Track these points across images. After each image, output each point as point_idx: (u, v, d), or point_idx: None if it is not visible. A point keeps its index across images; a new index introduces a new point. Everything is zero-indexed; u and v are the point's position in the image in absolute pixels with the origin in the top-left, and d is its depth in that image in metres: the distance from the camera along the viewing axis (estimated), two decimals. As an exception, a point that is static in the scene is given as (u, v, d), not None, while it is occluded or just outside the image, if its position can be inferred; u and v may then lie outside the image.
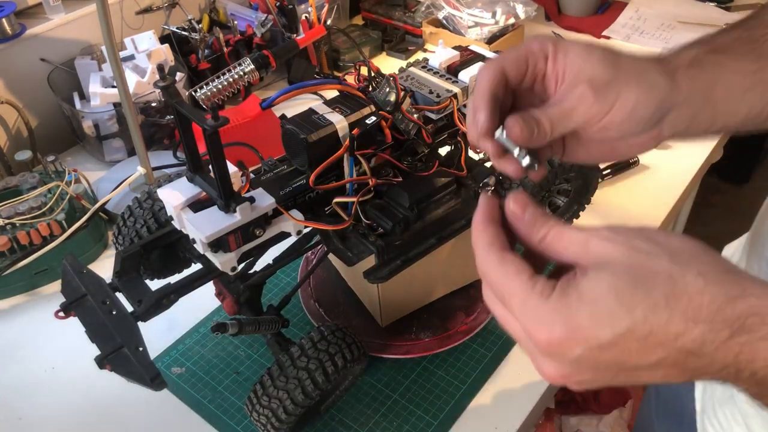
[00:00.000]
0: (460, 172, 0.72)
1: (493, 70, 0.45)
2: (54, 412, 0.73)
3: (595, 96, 0.43)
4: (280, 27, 1.24)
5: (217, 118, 0.51)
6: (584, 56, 0.44)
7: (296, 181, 0.64)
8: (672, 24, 1.42)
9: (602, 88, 0.43)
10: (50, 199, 0.87)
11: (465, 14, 1.32)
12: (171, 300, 0.61)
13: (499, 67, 0.45)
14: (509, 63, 0.45)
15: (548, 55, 0.45)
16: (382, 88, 0.68)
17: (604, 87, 0.43)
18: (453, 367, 0.75)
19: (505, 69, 0.45)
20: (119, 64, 0.86)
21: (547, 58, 0.45)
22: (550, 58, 0.45)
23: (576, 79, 0.44)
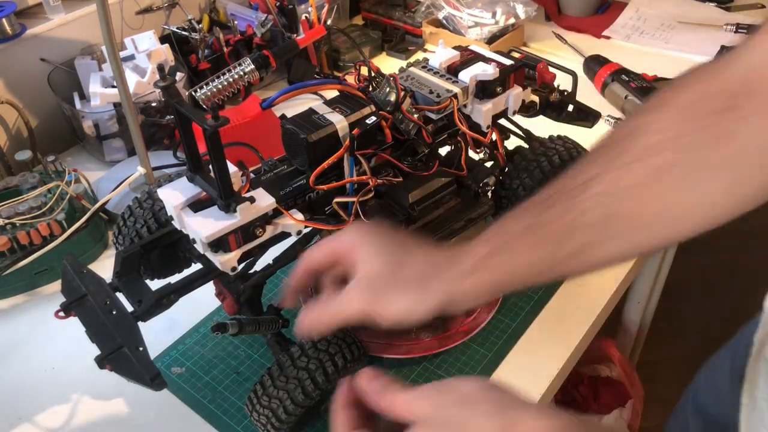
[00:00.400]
0: (460, 172, 0.72)
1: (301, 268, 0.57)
2: (54, 412, 0.73)
3: (369, 294, 0.51)
4: (280, 27, 1.24)
5: (217, 118, 0.51)
6: (374, 257, 0.52)
7: (296, 181, 0.64)
8: (672, 24, 1.42)
9: (378, 288, 0.51)
10: (50, 199, 0.87)
11: (465, 14, 1.32)
12: (171, 300, 0.61)
13: (308, 263, 0.56)
14: (318, 261, 0.56)
15: (349, 251, 0.53)
16: (382, 88, 0.68)
17: (381, 289, 0.51)
18: (453, 367, 0.75)
19: (314, 265, 0.56)
20: (119, 64, 0.86)
21: (349, 252, 0.53)
22: (352, 252, 0.53)
23: (360, 276, 0.52)
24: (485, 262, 0.51)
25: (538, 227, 0.50)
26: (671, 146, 0.47)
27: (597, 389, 1.36)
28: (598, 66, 1.20)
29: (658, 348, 1.82)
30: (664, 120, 0.49)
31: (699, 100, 0.48)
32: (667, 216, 0.49)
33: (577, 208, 0.49)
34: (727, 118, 0.46)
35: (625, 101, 1.12)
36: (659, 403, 1.73)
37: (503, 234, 0.52)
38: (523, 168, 0.76)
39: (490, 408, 0.40)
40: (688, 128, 0.47)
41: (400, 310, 0.51)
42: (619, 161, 0.49)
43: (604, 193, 0.49)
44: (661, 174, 0.48)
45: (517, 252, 0.51)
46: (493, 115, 0.74)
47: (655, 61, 1.28)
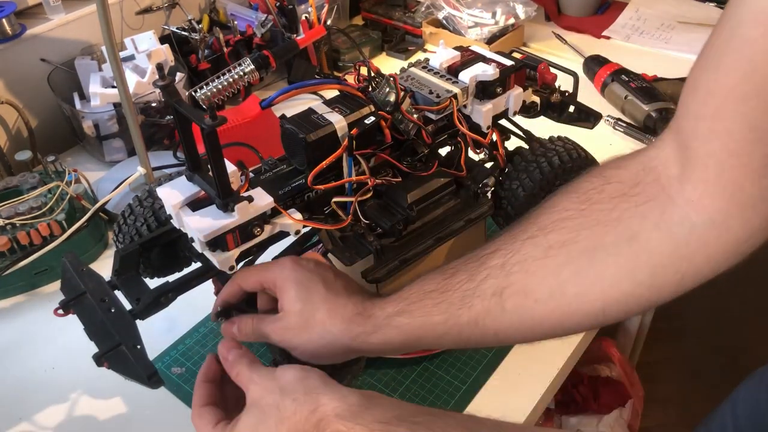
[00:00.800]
0: (459, 173, 0.72)
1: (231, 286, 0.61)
2: (54, 412, 0.73)
3: (283, 335, 0.56)
4: (280, 27, 1.24)
5: (215, 118, 0.51)
6: (292, 302, 0.56)
7: (295, 181, 0.64)
8: (672, 24, 1.42)
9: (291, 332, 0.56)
10: (50, 199, 0.88)
11: (465, 14, 1.32)
12: (169, 298, 0.61)
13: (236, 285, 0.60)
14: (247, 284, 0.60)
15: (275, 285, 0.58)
16: (381, 89, 0.68)
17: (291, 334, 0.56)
18: (453, 367, 0.75)
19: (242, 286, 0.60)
20: (119, 64, 0.86)
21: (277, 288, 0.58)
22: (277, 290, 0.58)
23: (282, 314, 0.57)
24: (390, 321, 0.55)
25: (439, 293, 0.54)
26: (565, 226, 0.51)
27: (597, 389, 1.36)
28: (598, 66, 1.20)
29: (658, 348, 1.82)
30: (565, 202, 0.52)
31: (598, 187, 0.51)
32: (558, 295, 0.50)
33: (474, 279, 0.53)
34: (621, 204, 0.49)
35: (625, 101, 1.12)
36: (659, 403, 1.74)
37: (408, 296, 0.55)
38: (522, 169, 0.76)
39: (300, 395, 0.47)
40: (584, 211, 0.50)
41: (309, 353, 0.56)
42: (517, 237, 0.53)
43: (498, 265, 0.52)
44: (551, 250, 0.50)
45: (419, 314, 0.54)
46: (494, 116, 0.74)
47: (655, 61, 1.28)
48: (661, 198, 0.47)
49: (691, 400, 1.74)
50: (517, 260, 0.52)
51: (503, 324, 0.52)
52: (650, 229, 0.47)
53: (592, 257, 0.49)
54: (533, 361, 0.75)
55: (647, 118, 1.08)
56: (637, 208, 0.48)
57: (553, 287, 0.50)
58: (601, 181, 0.51)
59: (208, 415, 0.52)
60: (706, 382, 1.79)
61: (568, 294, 0.50)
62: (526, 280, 0.51)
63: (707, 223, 0.45)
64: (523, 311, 0.51)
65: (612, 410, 1.30)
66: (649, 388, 1.44)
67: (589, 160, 0.79)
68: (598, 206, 0.50)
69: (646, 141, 1.08)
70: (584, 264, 0.49)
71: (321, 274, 0.58)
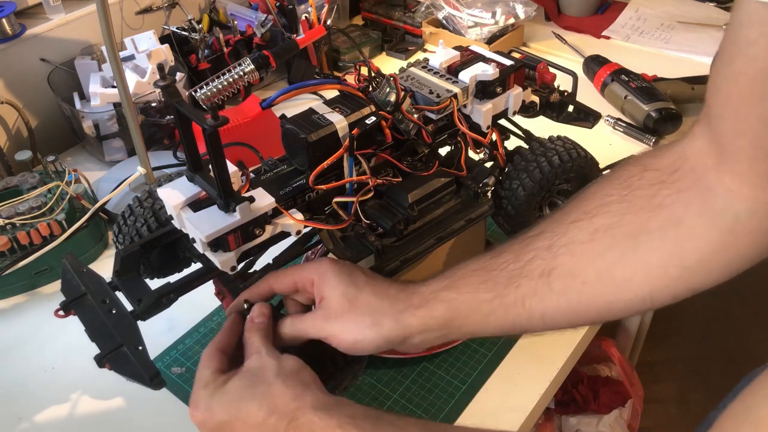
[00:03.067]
0: (459, 173, 0.72)
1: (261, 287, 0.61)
2: (54, 412, 0.73)
3: (324, 323, 0.56)
4: (280, 27, 1.24)
5: (217, 118, 0.51)
6: (334, 287, 0.56)
7: (296, 181, 0.64)
8: (672, 24, 1.42)
9: (333, 318, 0.56)
10: (50, 199, 0.87)
11: (465, 14, 1.32)
12: (171, 299, 0.61)
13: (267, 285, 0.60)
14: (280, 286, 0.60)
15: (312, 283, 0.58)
16: (382, 88, 0.68)
17: (334, 318, 0.55)
18: (453, 367, 0.75)
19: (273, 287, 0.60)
20: (119, 64, 0.86)
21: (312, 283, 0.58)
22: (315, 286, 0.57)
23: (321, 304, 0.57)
24: (436, 295, 0.55)
25: (486, 271, 0.54)
26: (609, 210, 0.51)
27: (597, 389, 1.35)
28: (598, 66, 1.20)
29: (658, 348, 1.82)
30: (608, 187, 0.53)
31: (638, 174, 0.52)
32: (606, 278, 0.51)
33: (521, 259, 0.53)
34: (662, 191, 0.50)
35: (625, 101, 1.12)
36: (659, 403, 1.74)
37: (453, 274, 0.56)
38: (522, 168, 0.76)
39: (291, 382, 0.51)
40: (626, 196, 0.51)
41: (350, 339, 0.55)
42: (562, 221, 0.53)
43: (545, 247, 0.53)
44: (597, 234, 0.51)
45: (466, 290, 0.54)
46: (493, 116, 0.74)
47: (655, 61, 1.28)
48: (700, 187, 0.48)
49: (691, 400, 1.74)
50: (564, 243, 0.52)
51: (550, 305, 0.52)
52: (694, 216, 0.48)
53: (637, 241, 0.50)
54: (533, 361, 0.75)
55: (647, 118, 1.08)
56: (678, 195, 0.49)
57: (601, 270, 0.51)
58: (639, 169, 0.52)
59: (215, 360, 0.55)
60: (706, 382, 1.79)
61: (616, 277, 0.50)
62: (574, 262, 0.51)
63: (749, 212, 0.46)
64: (571, 293, 0.52)
65: (612, 410, 1.30)
66: (649, 388, 1.44)
67: (588, 160, 0.79)
68: (639, 192, 0.50)
69: (646, 141, 1.08)
70: (629, 248, 0.50)
71: (357, 266, 0.59)
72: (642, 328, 1.49)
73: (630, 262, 0.50)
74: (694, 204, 0.48)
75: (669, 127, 1.08)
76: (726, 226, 0.47)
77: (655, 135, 1.08)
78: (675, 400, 1.76)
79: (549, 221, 0.55)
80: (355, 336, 0.55)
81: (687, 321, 1.94)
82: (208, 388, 0.53)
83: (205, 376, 0.54)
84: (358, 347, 0.55)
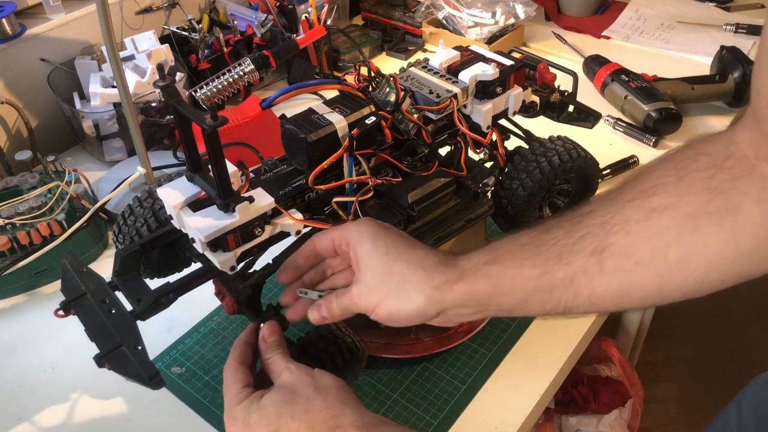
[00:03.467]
0: (459, 173, 0.72)
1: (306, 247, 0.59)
2: (54, 412, 0.73)
3: (361, 298, 0.55)
4: (280, 27, 1.24)
5: (216, 118, 0.51)
6: (368, 256, 0.54)
7: (296, 181, 0.64)
8: (672, 24, 1.42)
9: (367, 293, 0.54)
10: (50, 199, 0.88)
11: (465, 14, 1.32)
12: (170, 299, 0.61)
13: (311, 244, 0.59)
14: (322, 245, 0.59)
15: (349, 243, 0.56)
16: (382, 89, 0.68)
17: (368, 293, 0.54)
18: (453, 367, 0.75)
19: (318, 248, 0.59)
20: (119, 64, 0.86)
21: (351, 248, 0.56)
22: (351, 248, 0.56)
23: (359, 274, 0.55)
24: (478, 269, 0.53)
25: (534, 246, 0.52)
26: (667, 190, 0.50)
27: (597, 389, 1.36)
28: (598, 66, 1.20)
29: (658, 348, 1.82)
30: (662, 168, 0.51)
31: (693, 156, 0.50)
32: (661, 258, 0.50)
33: (572, 236, 0.51)
34: (718, 175, 0.48)
35: (625, 101, 1.12)
36: (659, 403, 1.74)
37: (498, 247, 0.54)
38: (522, 168, 0.76)
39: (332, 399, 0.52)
40: (683, 178, 0.50)
41: (388, 311, 0.54)
42: (617, 200, 0.52)
43: (598, 224, 0.51)
44: (654, 213, 0.50)
45: (512, 264, 0.52)
46: (493, 116, 0.74)
47: (655, 61, 1.28)
48: (756, 176, 0.47)
49: (691, 400, 1.75)
50: (618, 221, 0.50)
51: (600, 286, 0.51)
52: (753, 203, 0.47)
53: (696, 223, 0.48)
54: (533, 361, 0.75)
55: (647, 118, 1.08)
56: (734, 181, 0.48)
57: (656, 250, 0.49)
58: (694, 152, 0.51)
59: (243, 374, 0.56)
60: (706, 382, 1.79)
61: (670, 258, 0.49)
62: (628, 241, 0.50)
63: None
64: (622, 273, 0.50)
65: (612, 410, 1.30)
66: (649, 388, 1.44)
67: (589, 160, 0.79)
68: (696, 174, 0.49)
69: (646, 141, 1.08)
70: (688, 229, 0.49)
71: (397, 231, 0.57)
72: (642, 328, 1.49)
73: (687, 244, 0.49)
74: (751, 192, 0.47)
75: (669, 127, 1.08)
76: None
77: (655, 135, 1.08)
78: (675, 400, 1.76)
79: (601, 200, 0.53)
80: (390, 310, 0.54)
81: (687, 321, 1.94)
82: (243, 404, 0.53)
83: (235, 390, 0.54)
84: (393, 320, 0.54)
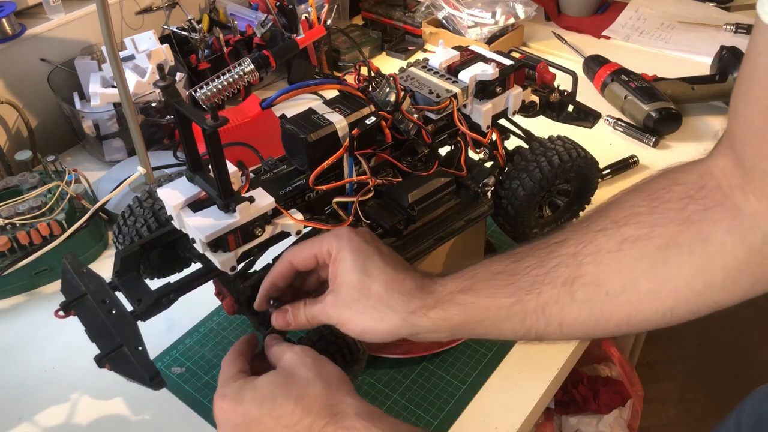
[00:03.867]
0: (459, 173, 0.72)
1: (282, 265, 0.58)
2: (54, 412, 0.73)
3: (333, 310, 0.55)
4: (280, 27, 1.24)
5: (217, 118, 0.51)
6: (348, 273, 0.54)
7: (296, 181, 0.64)
8: (672, 24, 1.42)
9: (342, 305, 0.54)
10: (50, 199, 0.88)
11: (465, 14, 1.32)
12: (170, 299, 0.61)
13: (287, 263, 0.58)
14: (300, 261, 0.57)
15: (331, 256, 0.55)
16: (382, 88, 0.68)
17: (343, 306, 0.54)
18: (453, 367, 0.75)
19: (294, 263, 0.58)
20: (119, 64, 0.86)
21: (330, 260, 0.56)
22: (331, 261, 0.55)
23: (334, 286, 0.55)
24: (453, 297, 0.53)
25: (508, 275, 0.53)
26: (639, 221, 0.50)
27: (597, 389, 1.35)
28: (598, 66, 1.20)
29: (658, 348, 1.82)
30: (636, 198, 0.52)
31: (666, 186, 0.51)
32: (631, 289, 0.50)
33: (545, 265, 0.52)
34: (690, 206, 0.49)
35: (625, 101, 1.12)
36: (659, 403, 1.74)
37: (473, 275, 0.54)
38: (522, 168, 0.76)
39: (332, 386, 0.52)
40: (656, 208, 0.50)
41: (360, 328, 0.54)
42: (589, 229, 0.52)
43: (570, 254, 0.52)
44: (625, 244, 0.50)
45: (485, 293, 0.53)
46: (493, 115, 0.74)
47: (655, 61, 1.28)
48: (728, 205, 0.48)
49: (691, 400, 1.75)
50: (590, 251, 0.51)
51: (570, 315, 0.52)
52: (723, 233, 0.48)
53: (667, 255, 0.49)
54: (533, 361, 0.75)
55: (647, 118, 1.08)
56: (706, 212, 0.48)
57: (626, 281, 0.50)
58: (668, 182, 0.51)
59: (241, 363, 0.56)
60: (706, 382, 1.79)
61: (641, 289, 0.50)
62: (599, 272, 0.51)
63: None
64: (593, 303, 0.51)
65: (612, 410, 1.30)
66: (649, 388, 1.44)
67: (588, 160, 0.79)
68: (669, 205, 0.50)
69: (646, 141, 1.08)
70: (659, 260, 0.49)
71: (377, 247, 0.56)
72: (642, 328, 1.48)
73: (658, 275, 0.49)
74: (722, 222, 0.48)
75: (669, 127, 1.08)
76: (755, 246, 0.47)
77: (655, 135, 1.08)
78: (675, 400, 1.76)
79: (574, 228, 0.54)
80: (363, 327, 0.54)
81: (687, 321, 1.94)
82: (237, 383, 0.52)
83: (230, 373, 0.54)
84: (365, 337, 0.55)
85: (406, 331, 0.54)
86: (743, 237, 0.47)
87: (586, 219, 0.54)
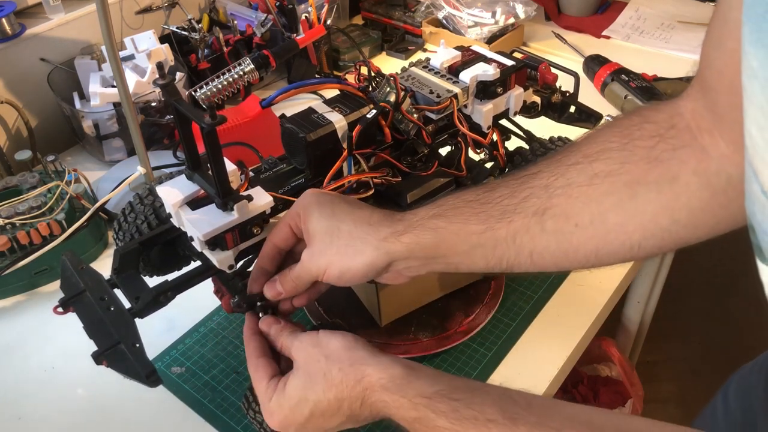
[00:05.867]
0: (459, 173, 0.72)
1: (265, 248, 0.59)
2: (54, 412, 0.73)
3: (311, 262, 0.55)
4: (280, 27, 1.24)
5: (215, 117, 0.51)
6: (316, 222, 0.55)
7: (295, 180, 0.64)
8: (672, 24, 1.42)
9: (317, 254, 0.55)
10: (50, 198, 0.87)
11: (465, 14, 1.32)
12: (168, 297, 0.61)
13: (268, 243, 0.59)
14: (278, 237, 0.58)
15: (300, 218, 0.56)
16: (382, 88, 0.68)
17: (318, 255, 0.55)
18: (452, 367, 0.75)
19: (274, 242, 0.58)
20: (119, 64, 0.86)
21: (301, 221, 0.56)
22: (302, 221, 0.56)
23: (307, 240, 0.56)
24: (424, 222, 0.54)
25: (480, 203, 0.54)
26: (609, 157, 0.52)
27: (597, 389, 1.36)
28: (598, 66, 1.20)
29: (658, 348, 1.82)
30: (608, 134, 0.53)
31: (638, 124, 0.52)
32: (600, 222, 0.51)
33: (516, 195, 0.53)
34: (660, 145, 0.50)
35: (625, 101, 1.12)
36: (659, 403, 1.74)
37: (444, 203, 0.55)
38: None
39: (345, 365, 0.50)
40: (626, 145, 0.51)
41: (338, 269, 0.54)
42: (561, 163, 0.54)
43: (542, 186, 0.53)
44: (596, 179, 0.52)
45: (456, 219, 0.54)
46: (494, 116, 0.74)
47: (655, 61, 1.28)
48: (696, 147, 0.49)
49: (691, 400, 1.74)
50: (561, 184, 0.52)
51: (540, 244, 0.53)
52: (689, 174, 0.49)
53: (635, 191, 0.51)
54: (533, 360, 0.75)
55: (647, 118, 1.08)
56: (674, 152, 0.50)
57: (595, 214, 0.51)
58: (640, 120, 0.52)
59: (264, 368, 0.55)
60: (706, 382, 1.79)
61: (609, 222, 0.51)
62: (569, 204, 0.52)
63: (742, 177, 0.46)
64: (562, 234, 0.52)
65: (612, 410, 1.30)
66: (649, 388, 1.44)
67: (589, 160, 0.79)
68: (640, 143, 0.51)
69: (646, 141, 1.08)
70: (626, 196, 0.51)
71: (343, 197, 0.58)
72: (642, 328, 1.49)
73: (625, 210, 0.51)
74: (689, 162, 0.49)
75: (669, 126, 1.08)
76: (719, 188, 0.49)
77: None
78: (675, 400, 1.76)
79: (547, 161, 0.55)
80: (341, 268, 0.54)
81: (687, 321, 1.94)
82: (273, 399, 0.53)
83: (263, 387, 0.54)
84: (345, 278, 0.55)
85: (381, 261, 0.54)
86: (708, 179, 0.49)
87: (559, 153, 0.55)
